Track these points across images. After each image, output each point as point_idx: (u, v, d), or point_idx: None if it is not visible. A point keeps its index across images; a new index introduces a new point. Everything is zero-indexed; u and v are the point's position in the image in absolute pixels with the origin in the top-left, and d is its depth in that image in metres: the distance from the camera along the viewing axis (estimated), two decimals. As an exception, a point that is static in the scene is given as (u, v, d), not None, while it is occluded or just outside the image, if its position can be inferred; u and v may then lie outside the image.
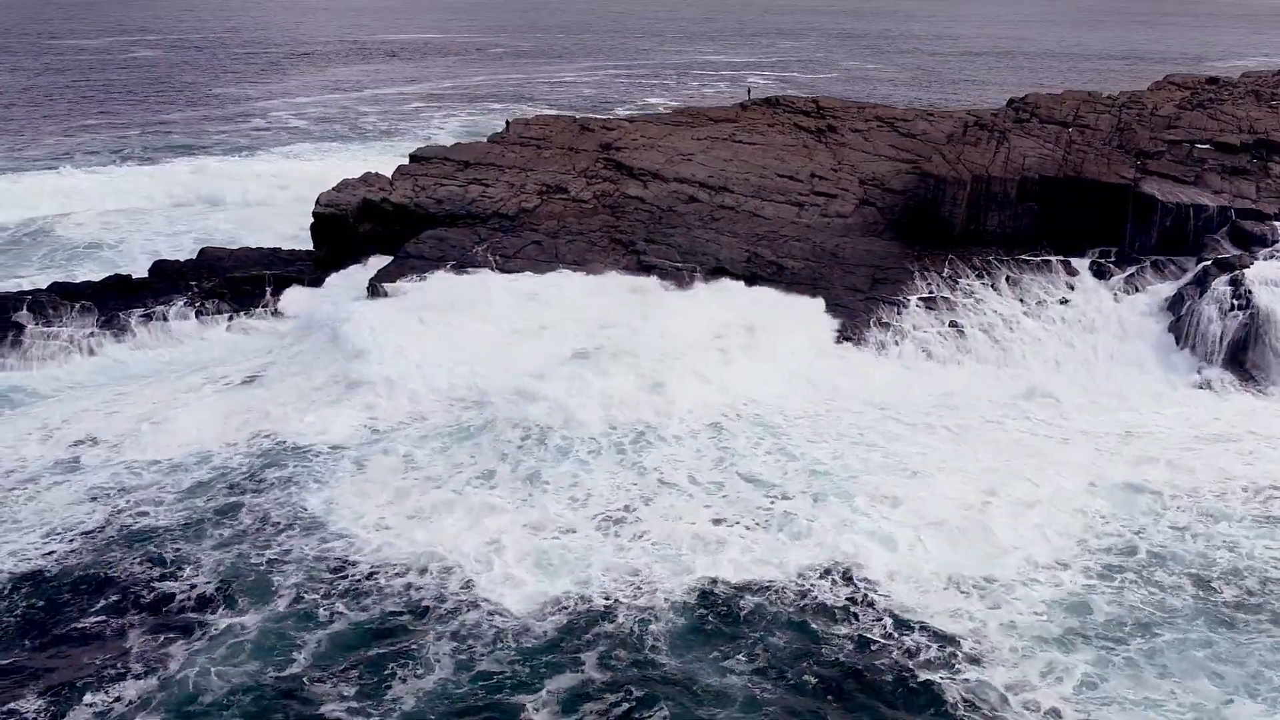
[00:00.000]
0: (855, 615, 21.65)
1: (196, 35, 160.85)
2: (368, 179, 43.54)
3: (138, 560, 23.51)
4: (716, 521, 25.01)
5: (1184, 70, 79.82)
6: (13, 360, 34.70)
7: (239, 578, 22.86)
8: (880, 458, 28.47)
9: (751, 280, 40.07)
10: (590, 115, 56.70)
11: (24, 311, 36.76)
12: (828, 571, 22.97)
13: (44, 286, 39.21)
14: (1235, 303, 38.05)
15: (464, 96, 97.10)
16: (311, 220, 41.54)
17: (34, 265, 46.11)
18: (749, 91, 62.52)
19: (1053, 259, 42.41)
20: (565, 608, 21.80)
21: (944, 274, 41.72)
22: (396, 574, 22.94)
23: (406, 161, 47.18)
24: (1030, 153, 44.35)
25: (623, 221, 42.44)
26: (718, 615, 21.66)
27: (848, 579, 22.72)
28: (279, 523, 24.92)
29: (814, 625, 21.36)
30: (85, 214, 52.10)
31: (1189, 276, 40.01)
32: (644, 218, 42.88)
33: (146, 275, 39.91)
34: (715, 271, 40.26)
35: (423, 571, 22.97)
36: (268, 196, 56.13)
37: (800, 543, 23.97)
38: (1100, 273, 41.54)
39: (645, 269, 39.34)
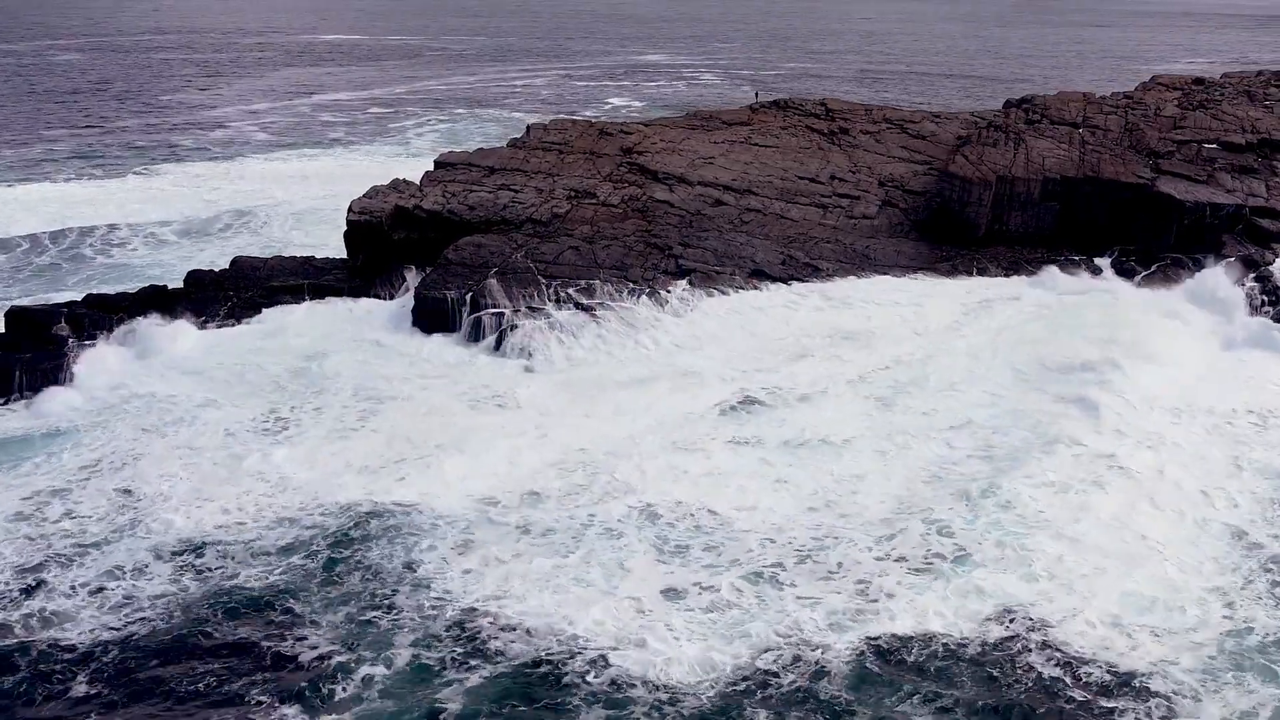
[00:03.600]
0: (1031, 657, 20.88)
1: (121, 37, 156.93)
2: (397, 185, 43.02)
3: (237, 622, 22.18)
4: (879, 562, 23.97)
5: (1107, 73, 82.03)
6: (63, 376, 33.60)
7: (353, 641, 21.37)
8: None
9: (785, 282, 40.49)
10: (587, 117, 56.46)
11: (62, 324, 35.68)
12: (1004, 613, 22.12)
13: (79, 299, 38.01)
14: (1265, 298, 39.29)
15: (423, 101, 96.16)
16: (345, 228, 40.84)
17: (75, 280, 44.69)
18: (756, 94, 62.80)
19: (1077, 258, 43.40)
20: (723, 671, 20.48)
21: (973, 273, 42.49)
22: (527, 641, 21.39)
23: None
24: (1048, 153, 45.31)
25: (655, 226, 42.48)
26: (888, 666, 20.71)
27: (1019, 620, 21.90)
28: (386, 584, 23.20)
29: (991, 672, 20.56)
30: (126, 229, 50.44)
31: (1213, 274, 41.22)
32: (675, 221, 42.97)
33: (182, 285, 38.90)
34: (753, 274, 40.54)
35: (559, 638, 21.41)
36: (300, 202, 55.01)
37: (965, 583, 23.09)
38: (1123, 271, 42.57)
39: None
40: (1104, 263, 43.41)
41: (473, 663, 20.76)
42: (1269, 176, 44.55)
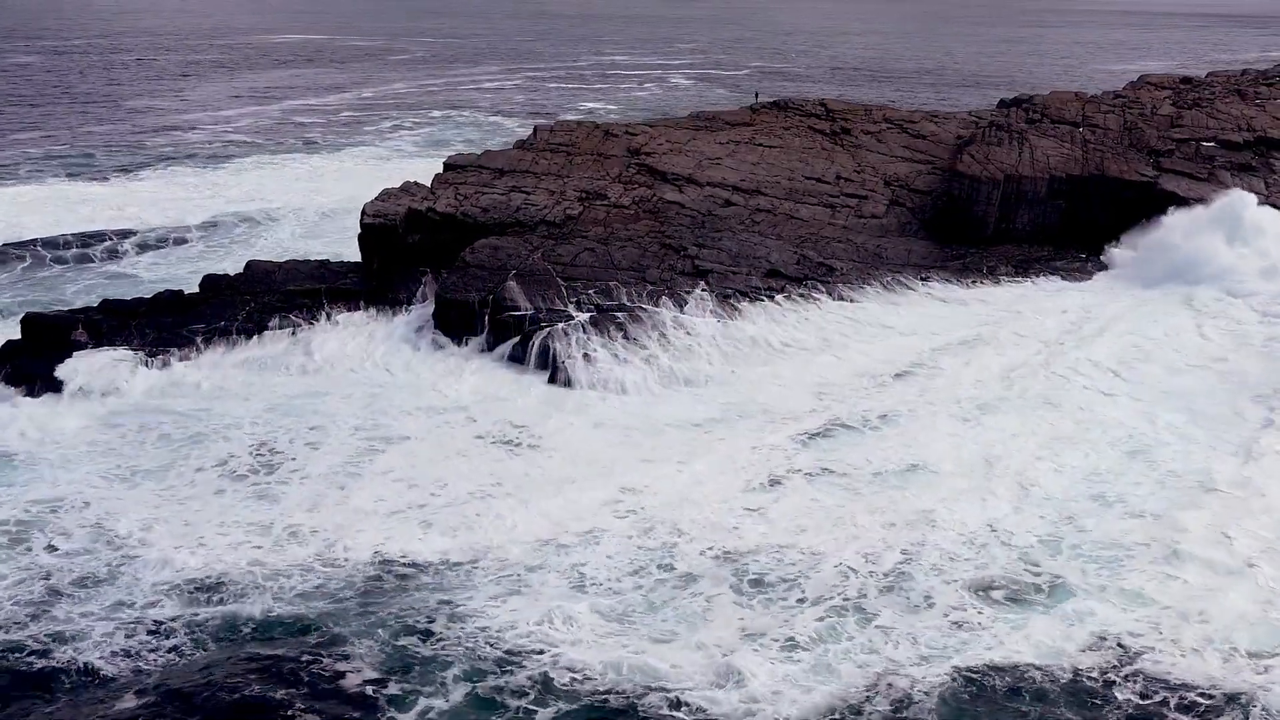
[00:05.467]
0: (1129, 686, 20.28)
1: (76, 40, 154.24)
2: (408, 188, 42.65)
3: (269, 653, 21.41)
4: (969, 591, 23.07)
5: (1062, 71, 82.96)
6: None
7: (402, 680, 20.45)
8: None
9: (802, 282, 40.63)
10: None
11: (80, 330, 35.10)
12: (1101, 640, 21.45)
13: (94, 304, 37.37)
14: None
15: (395, 105, 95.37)
16: (359, 232, 40.43)
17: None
18: (756, 95, 63.00)
19: (1084, 255, 43.99)
20: (811, 707, 19.61)
21: (983, 270, 42.87)
22: (596, 680, 20.31)
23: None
24: (1052, 152, 45.84)
25: (668, 227, 42.47)
26: (982, 697, 19.98)
27: (1117, 648, 21.26)
28: (433, 626, 21.99)
29: (1091, 700, 19.91)
30: (119, 234, 49.45)
31: (1220, 268, 41.93)
32: (687, 222, 43.00)
33: (198, 290, 38.34)
34: (769, 274, 40.61)
35: (630, 678, 20.32)
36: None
37: (1059, 610, 22.37)
38: (1130, 267, 43.23)
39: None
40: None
41: (540, 702, 19.83)
42: (1267, 174, 45.40)
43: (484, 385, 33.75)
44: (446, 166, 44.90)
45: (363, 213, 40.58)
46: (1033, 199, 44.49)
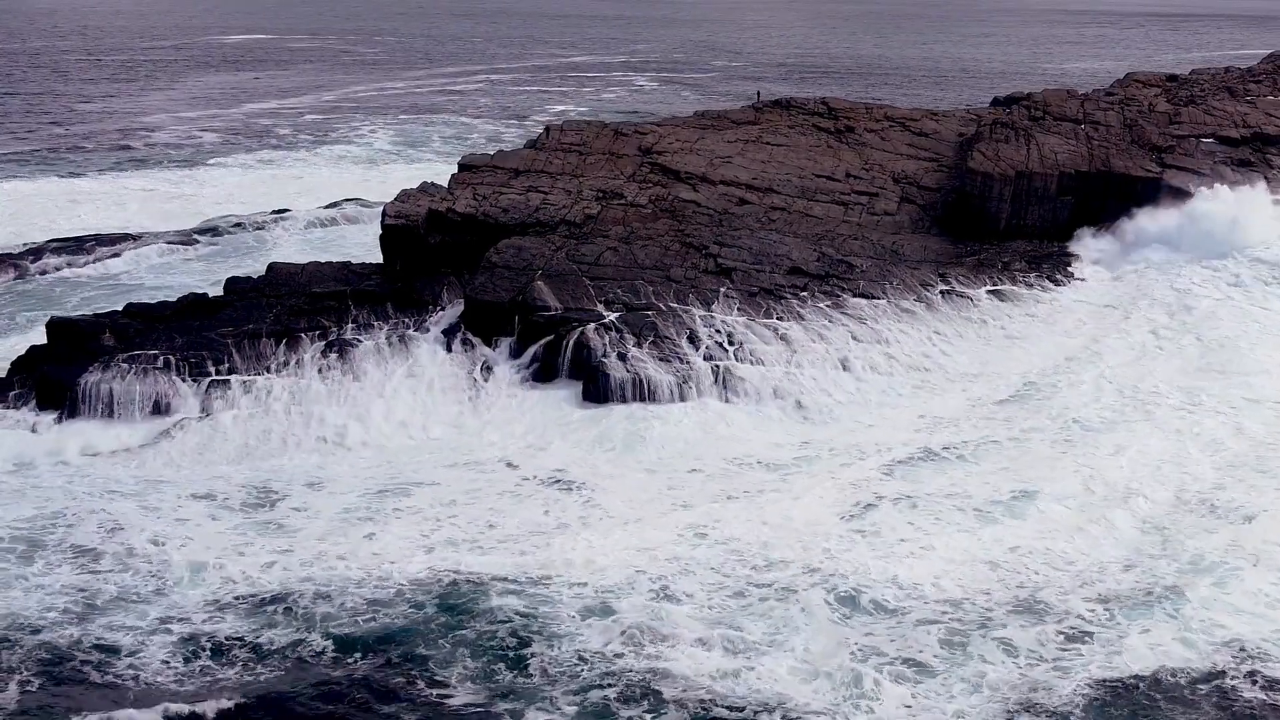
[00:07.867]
0: (1258, 693, 20.19)
1: (15, 42, 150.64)
2: (426, 188, 42.25)
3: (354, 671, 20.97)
4: (1089, 604, 22.89)
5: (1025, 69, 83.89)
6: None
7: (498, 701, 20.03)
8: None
9: (824, 279, 40.76)
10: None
11: (107, 335, 34.34)
12: (1227, 648, 21.38)
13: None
14: None
15: (359, 108, 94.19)
16: (381, 233, 39.98)
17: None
18: (758, 94, 63.20)
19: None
20: None
21: (998, 266, 43.30)
22: (704, 701, 19.76)
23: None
24: (1059, 149, 46.48)
25: (687, 226, 42.46)
26: (1121, 708, 19.86)
27: (1247, 658, 21.14)
28: (520, 647, 21.37)
29: (1229, 711, 19.83)
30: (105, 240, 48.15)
31: (1229, 261, 42.85)
32: (705, 221, 43.01)
33: (222, 294, 37.64)
34: (791, 271, 40.71)
35: (742, 702, 19.75)
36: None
37: (1194, 623, 22.11)
38: (1142, 262, 43.96)
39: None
40: (1121, 254, 44.72)
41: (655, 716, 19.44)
42: (1266, 169, 46.36)
43: (520, 428, 32.65)
44: (461, 166, 44.56)
45: (384, 213, 40.18)
46: (1043, 195, 45.06)
